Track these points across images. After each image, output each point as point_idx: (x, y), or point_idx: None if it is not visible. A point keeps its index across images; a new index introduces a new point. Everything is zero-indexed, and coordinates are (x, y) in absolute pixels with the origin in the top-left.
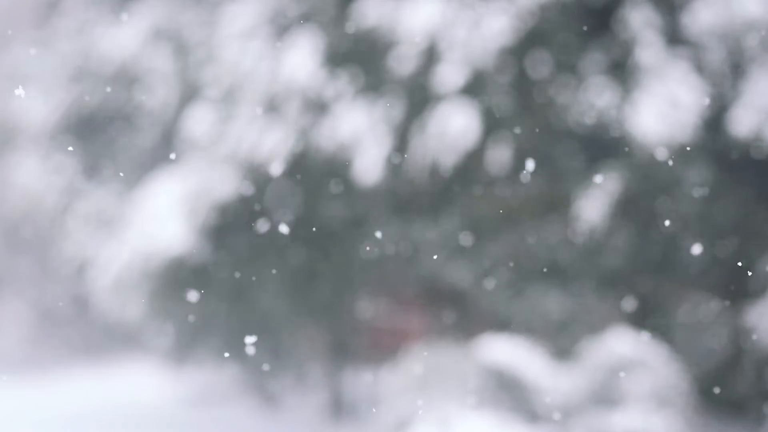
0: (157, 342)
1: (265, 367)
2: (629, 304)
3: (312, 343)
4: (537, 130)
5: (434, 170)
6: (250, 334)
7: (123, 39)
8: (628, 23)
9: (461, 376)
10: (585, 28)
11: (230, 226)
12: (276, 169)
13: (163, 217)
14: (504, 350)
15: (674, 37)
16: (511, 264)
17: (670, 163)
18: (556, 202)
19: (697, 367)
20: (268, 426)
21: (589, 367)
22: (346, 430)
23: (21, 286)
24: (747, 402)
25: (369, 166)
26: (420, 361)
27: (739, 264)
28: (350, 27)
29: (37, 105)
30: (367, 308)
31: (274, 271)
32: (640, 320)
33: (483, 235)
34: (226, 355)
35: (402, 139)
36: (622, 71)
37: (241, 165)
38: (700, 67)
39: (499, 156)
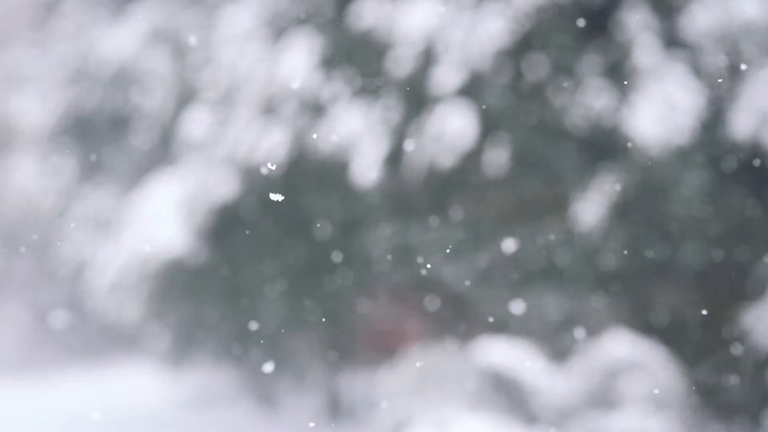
0: (155, 344)
1: (263, 368)
2: (627, 305)
3: (310, 345)
4: (534, 132)
5: (431, 172)
6: (248, 335)
7: (121, 41)
8: (626, 25)
9: (459, 377)
10: (582, 30)
11: (228, 227)
12: (273, 170)
13: (161, 218)
14: (502, 352)
15: (671, 40)
16: (509, 266)
17: (668, 165)
18: (553, 204)
19: (694, 369)
20: (266, 427)
21: (587, 369)
22: None
23: (19, 288)
24: (745, 404)
25: (366, 167)
26: (418, 363)
27: (737, 266)
28: (347, 29)
29: (35, 107)
30: (365, 310)
31: (271, 273)
32: (637, 322)
33: (480, 237)
34: (224, 356)
35: (399, 141)
36: (620, 73)
37: (238, 167)
38: (697, 70)
39: (497, 157)
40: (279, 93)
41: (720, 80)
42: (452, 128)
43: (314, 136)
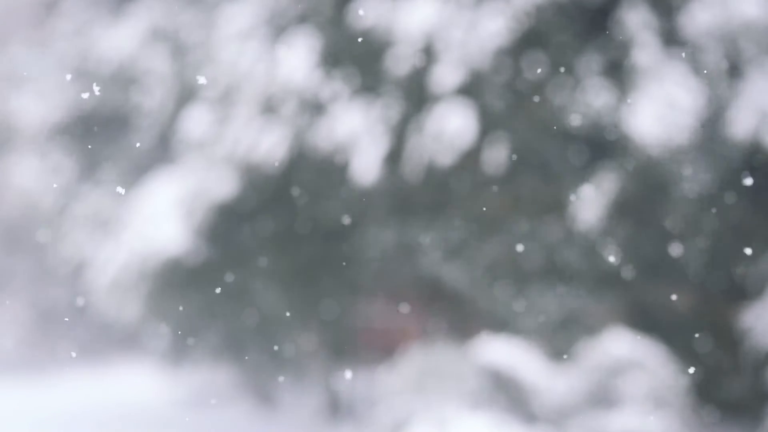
0: (154, 342)
1: (263, 367)
2: (626, 304)
3: (309, 344)
4: (534, 131)
5: (431, 170)
6: (247, 334)
7: (121, 40)
8: (625, 24)
9: (458, 376)
10: (581, 28)
11: (227, 226)
12: (273, 169)
13: (161, 217)
14: (501, 351)
15: (671, 39)
16: (508, 264)
17: (667, 164)
18: (553, 203)
19: (694, 368)
20: (266, 426)
21: (587, 368)
22: (344, 431)
23: (19, 287)
24: (744, 403)
25: (366, 166)
26: (417, 362)
27: (736, 265)
28: (347, 27)
29: (35, 106)
30: (365, 308)
31: (271, 272)
32: (637, 321)
33: (480, 236)
34: (224, 356)
35: (399, 140)
36: (619, 72)
37: (238, 166)
38: (697, 69)
39: (496, 156)
40: (279, 92)
41: (720, 79)
42: (452, 127)
43: (314, 134)
